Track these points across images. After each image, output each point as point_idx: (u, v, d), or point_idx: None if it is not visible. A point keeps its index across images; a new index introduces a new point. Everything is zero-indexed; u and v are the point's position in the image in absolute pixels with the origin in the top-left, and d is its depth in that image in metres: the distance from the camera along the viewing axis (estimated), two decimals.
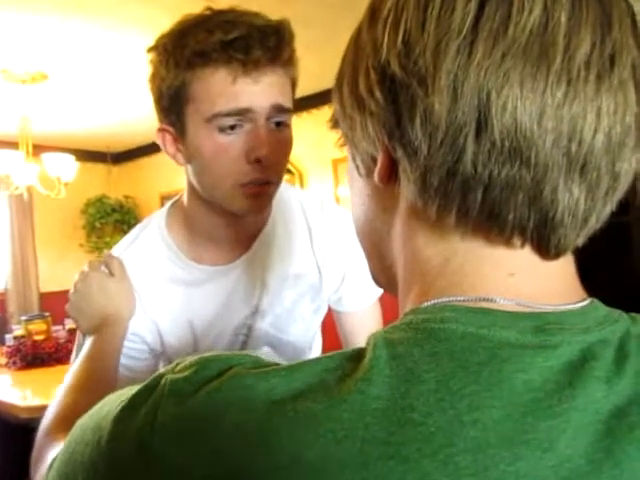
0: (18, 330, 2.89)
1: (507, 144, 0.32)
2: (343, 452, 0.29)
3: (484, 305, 0.35)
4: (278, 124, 0.78)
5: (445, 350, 0.32)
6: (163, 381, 0.35)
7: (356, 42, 0.39)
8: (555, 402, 0.31)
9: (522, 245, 0.35)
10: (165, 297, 0.89)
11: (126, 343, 0.87)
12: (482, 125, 0.32)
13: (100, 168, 5.51)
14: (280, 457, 0.29)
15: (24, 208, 4.82)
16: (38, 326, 2.83)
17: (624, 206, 0.38)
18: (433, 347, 0.32)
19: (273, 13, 0.75)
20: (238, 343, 0.93)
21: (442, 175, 0.34)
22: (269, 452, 0.29)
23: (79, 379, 0.77)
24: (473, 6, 0.32)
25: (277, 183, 0.81)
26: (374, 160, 0.38)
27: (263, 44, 0.72)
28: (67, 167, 3.55)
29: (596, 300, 0.39)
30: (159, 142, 0.82)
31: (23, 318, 2.96)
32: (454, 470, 0.28)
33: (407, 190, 0.37)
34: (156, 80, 0.77)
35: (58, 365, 2.62)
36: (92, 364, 0.80)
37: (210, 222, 0.87)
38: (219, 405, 0.32)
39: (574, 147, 0.32)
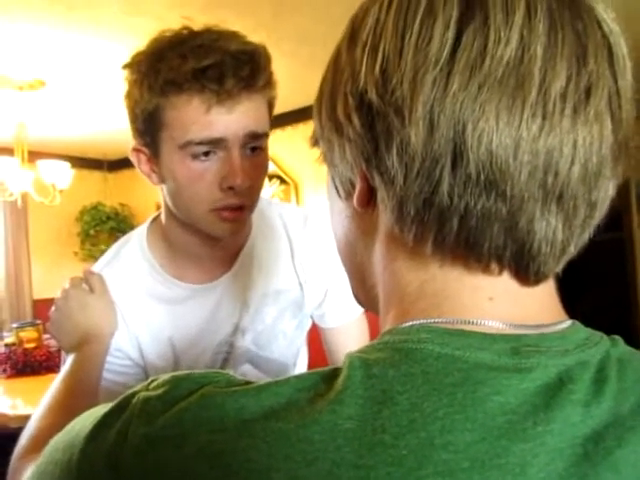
0: (9, 337, 2.87)
1: (483, 177, 0.32)
2: (312, 474, 0.28)
3: (462, 327, 0.35)
4: (253, 149, 0.78)
5: (420, 372, 0.31)
6: (135, 400, 0.35)
7: (335, 63, 0.39)
8: (530, 425, 0.30)
9: (500, 272, 0.35)
10: (146, 313, 0.89)
11: (111, 359, 0.86)
12: (458, 157, 0.32)
13: (96, 175, 5.49)
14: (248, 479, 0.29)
15: (18, 215, 4.79)
16: (29, 334, 2.80)
17: (618, 222, 0.38)
18: (409, 368, 0.32)
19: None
20: (219, 361, 0.93)
21: (418, 205, 0.34)
22: (237, 474, 0.29)
23: (57, 399, 0.76)
24: (450, 35, 0.32)
25: (251, 207, 0.82)
26: (352, 185, 0.39)
27: (236, 73, 0.72)
28: (62, 174, 3.55)
29: (577, 322, 0.39)
30: (133, 161, 0.82)
31: (14, 325, 2.94)
32: None
33: (385, 216, 0.37)
34: (130, 100, 0.77)
35: (49, 373, 2.59)
36: (72, 382, 0.79)
37: (189, 242, 0.87)
38: (187, 425, 0.32)
39: (550, 179, 0.32)
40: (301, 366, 1.08)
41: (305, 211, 1.01)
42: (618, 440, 0.32)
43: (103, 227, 5.25)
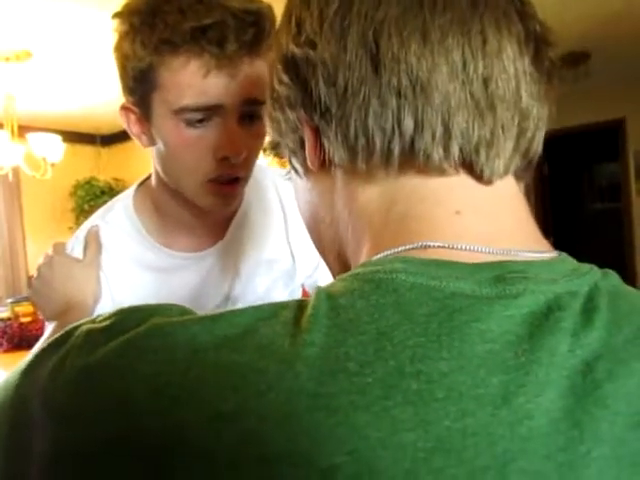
0: (4, 312, 2.87)
1: (404, 82, 0.34)
2: (265, 405, 0.26)
3: (439, 255, 0.33)
4: (251, 118, 0.73)
5: (392, 302, 0.30)
6: (77, 332, 0.33)
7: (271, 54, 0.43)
8: (512, 355, 0.29)
9: (455, 169, 0.36)
10: (133, 281, 0.86)
11: None
12: (375, 65, 0.34)
13: (89, 150, 5.44)
14: (196, 413, 0.27)
15: (11, 190, 4.75)
16: (25, 308, 2.80)
17: (616, 193, 0.36)
18: (379, 298, 0.30)
19: None
20: None
21: (357, 120, 0.35)
22: (183, 407, 0.27)
23: None
24: None
25: (246, 179, 0.78)
26: (304, 148, 0.40)
27: (239, 37, 0.67)
28: (53, 147, 3.51)
29: (565, 254, 0.37)
30: (122, 120, 0.77)
31: (9, 300, 2.94)
32: (390, 424, 0.26)
33: (336, 156, 0.38)
34: (120, 55, 0.71)
35: None
36: None
37: (179, 210, 0.83)
38: (131, 354, 0.30)
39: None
40: None
41: None
42: (608, 373, 0.30)
43: (97, 202, 5.21)
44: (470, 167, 0.36)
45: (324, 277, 0.97)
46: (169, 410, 0.27)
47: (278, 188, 0.93)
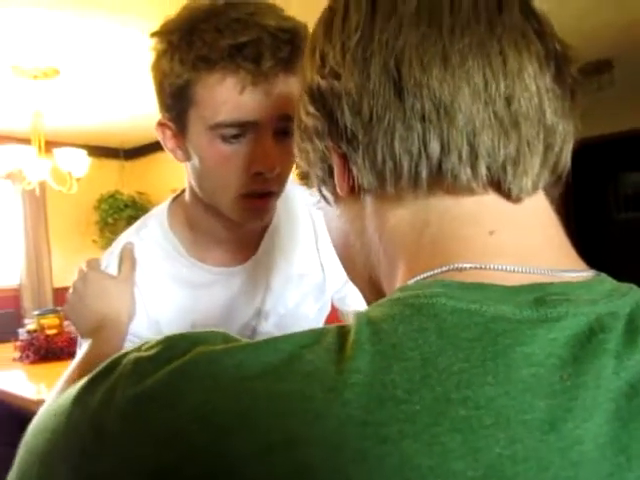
0: (31, 325, 2.91)
1: (427, 106, 0.34)
2: (315, 434, 0.26)
3: (476, 277, 0.33)
4: (285, 134, 0.73)
5: (434, 327, 0.30)
6: (125, 360, 0.33)
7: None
8: (557, 379, 0.28)
9: (484, 188, 0.36)
10: (168, 298, 0.86)
11: (127, 345, 0.83)
12: (398, 91, 0.35)
13: (113, 164, 5.53)
14: (245, 443, 0.27)
15: (37, 204, 4.85)
16: (51, 320, 2.84)
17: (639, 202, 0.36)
18: (421, 324, 0.30)
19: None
20: None
21: (384, 145, 0.36)
22: (232, 436, 0.27)
23: (69, 385, 0.74)
24: (364, 5, 0.37)
25: (279, 193, 0.78)
26: (332, 176, 0.41)
27: (275, 54, 0.67)
28: (79, 162, 3.57)
29: (603, 274, 0.37)
30: (159, 136, 0.78)
31: (36, 313, 2.98)
32: (440, 452, 0.26)
33: (364, 181, 0.38)
34: (158, 72, 0.73)
35: (70, 359, 2.60)
36: (86, 368, 0.77)
37: (212, 224, 0.83)
38: (179, 383, 0.30)
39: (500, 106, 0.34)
40: None
41: None
42: None
43: (121, 215, 5.29)
44: (498, 186, 0.36)
45: (353, 292, 0.96)
46: (218, 439, 0.27)
47: (307, 200, 0.93)
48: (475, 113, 0.34)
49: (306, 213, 0.92)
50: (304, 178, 0.46)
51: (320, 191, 0.45)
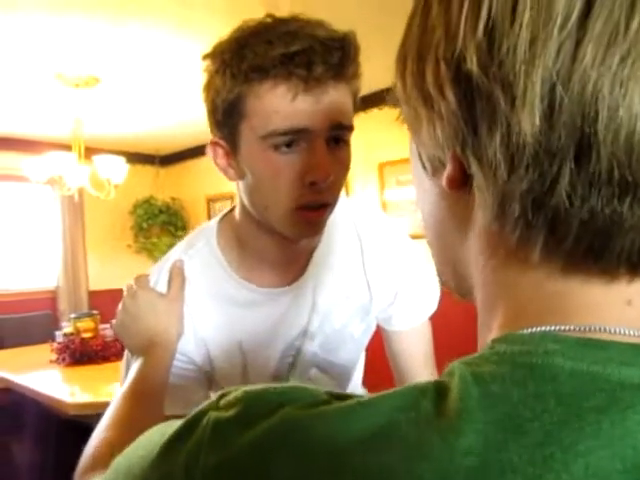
0: (67, 328, 2.97)
1: (617, 176, 0.25)
2: None
3: (595, 336, 0.28)
4: (337, 141, 0.74)
5: (552, 392, 0.26)
6: (205, 420, 0.31)
7: (423, 16, 0.31)
8: None
9: (631, 280, 0.29)
10: (216, 317, 0.86)
11: (174, 362, 0.84)
12: (585, 151, 0.25)
13: (148, 170, 5.62)
14: None
15: (75, 209, 4.96)
16: (86, 324, 2.89)
17: None
18: (537, 387, 0.26)
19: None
20: (285, 365, 0.89)
21: (526, 204, 0.28)
22: None
23: (123, 410, 0.73)
24: None
25: (332, 205, 0.77)
26: (442, 163, 0.32)
27: (326, 60, 0.68)
28: (117, 169, 3.63)
29: None
30: (210, 155, 0.79)
31: (72, 316, 3.04)
32: None
33: (482, 209, 0.31)
34: (210, 91, 0.74)
35: (105, 363, 2.66)
36: (138, 390, 0.76)
37: (262, 243, 0.83)
38: (268, 452, 0.27)
39: None
40: (359, 369, 1.04)
41: (375, 209, 0.96)
42: None
43: (155, 220, 5.38)
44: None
45: (398, 312, 0.95)
46: None
47: (355, 217, 0.92)
48: None
49: (353, 230, 0.91)
50: (397, 105, 0.36)
51: (418, 154, 0.36)
